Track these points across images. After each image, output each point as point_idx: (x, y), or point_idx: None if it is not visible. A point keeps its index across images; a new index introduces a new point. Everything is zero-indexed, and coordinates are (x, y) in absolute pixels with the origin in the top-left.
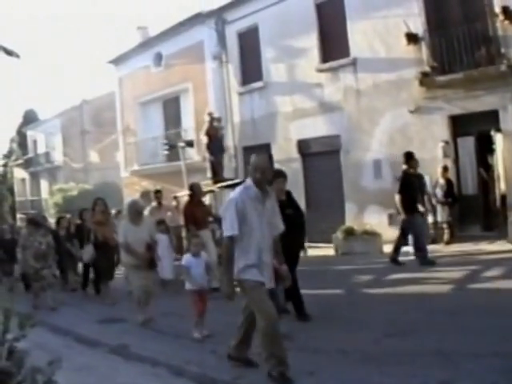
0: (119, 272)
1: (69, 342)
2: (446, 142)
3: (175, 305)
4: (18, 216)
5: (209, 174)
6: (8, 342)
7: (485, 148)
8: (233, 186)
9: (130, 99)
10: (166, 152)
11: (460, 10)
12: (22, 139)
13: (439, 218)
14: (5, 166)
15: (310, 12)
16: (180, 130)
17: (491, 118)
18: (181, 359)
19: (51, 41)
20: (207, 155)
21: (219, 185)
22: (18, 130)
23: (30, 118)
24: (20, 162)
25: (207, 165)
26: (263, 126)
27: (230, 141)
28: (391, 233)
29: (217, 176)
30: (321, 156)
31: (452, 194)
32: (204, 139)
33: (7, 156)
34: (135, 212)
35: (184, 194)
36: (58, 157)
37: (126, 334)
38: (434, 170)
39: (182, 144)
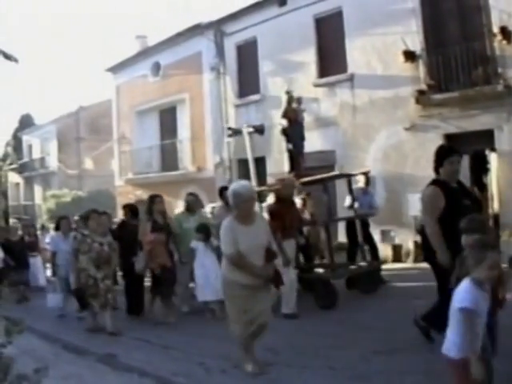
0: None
1: (57, 350)
2: None
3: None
4: (11, 221)
5: (286, 167)
6: None
7: (479, 167)
8: (320, 182)
9: (127, 108)
10: (229, 138)
11: (458, 29)
12: (17, 144)
13: None
14: None
15: (309, 27)
16: (176, 140)
17: (486, 138)
18: (168, 370)
19: (50, 47)
20: (285, 143)
21: (302, 180)
22: (13, 135)
23: (25, 123)
24: (14, 166)
25: (285, 155)
26: (259, 139)
27: (225, 153)
28: (383, 249)
29: (297, 169)
30: (315, 171)
31: None
32: (283, 122)
33: (2, 160)
34: (246, 204)
35: (266, 189)
36: (52, 162)
37: (115, 344)
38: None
39: (249, 129)
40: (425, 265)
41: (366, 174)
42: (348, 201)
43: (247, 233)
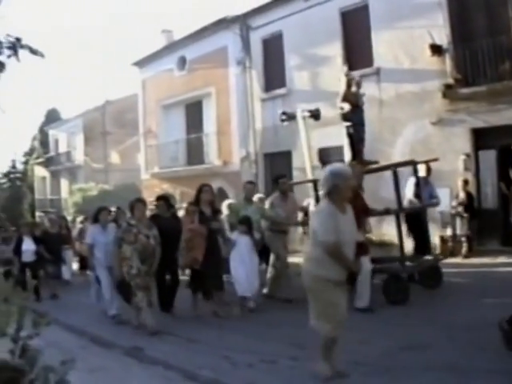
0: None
1: (84, 342)
2: (468, 155)
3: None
4: (37, 214)
5: (347, 155)
6: (22, 339)
7: (506, 162)
8: (380, 170)
9: (153, 102)
10: (284, 123)
11: (485, 22)
12: (43, 138)
13: (458, 231)
14: (26, 163)
15: (335, 20)
16: (202, 134)
17: None
18: (194, 364)
19: (76, 42)
20: (347, 129)
21: (367, 168)
22: (40, 129)
23: (52, 117)
24: (41, 160)
25: (345, 141)
26: (285, 133)
27: (251, 147)
28: (409, 244)
29: (358, 157)
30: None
31: (472, 208)
32: (345, 106)
33: (28, 154)
34: (346, 184)
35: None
36: (78, 156)
37: (141, 337)
38: (454, 183)
39: (305, 113)
40: (455, 259)
41: (427, 162)
42: (410, 190)
43: (345, 221)
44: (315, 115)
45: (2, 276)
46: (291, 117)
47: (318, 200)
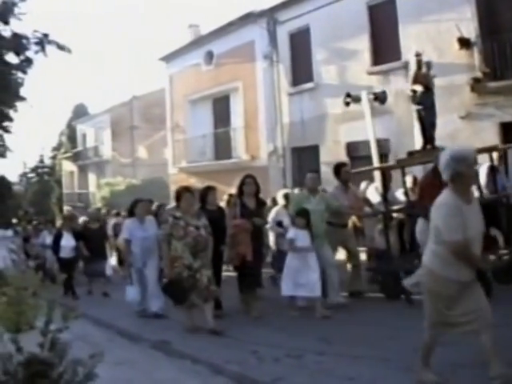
0: None
1: (111, 336)
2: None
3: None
4: (65, 208)
5: (419, 141)
6: (51, 332)
7: None
8: None
9: (180, 96)
10: (347, 106)
11: None
12: (71, 133)
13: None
14: (54, 158)
15: (362, 14)
16: (229, 128)
17: None
18: (221, 358)
19: (104, 36)
20: (417, 113)
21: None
22: (67, 124)
23: (80, 113)
24: (69, 155)
25: (416, 125)
26: (312, 128)
27: (278, 141)
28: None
29: (430, 143)
30: (369, 160)
31: None
32: (417, 88)
33: (56, 149)
34: (470, 171)
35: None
36: (106, 151)
37: (168, 330)
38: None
39: (370, 96)
40: None
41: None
42: (483, 178)
43: (471, 214)
44: (381, 98)
45: (31, 270)
46: (356, 99)
47: (386, 188)
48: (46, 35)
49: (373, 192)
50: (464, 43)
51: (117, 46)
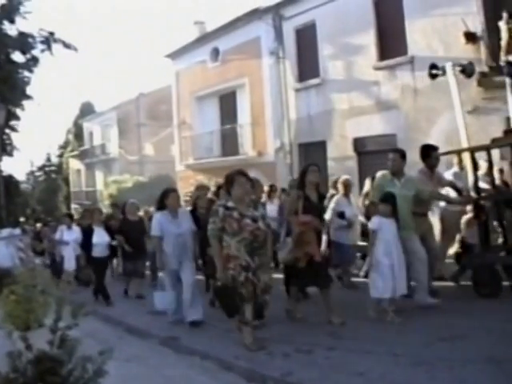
0: None
1: (120, 333)
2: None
3: None
4: (73, 206)
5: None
6: (60, 330)
7: None
8: None
9: (187, 93)
10: (433, 79)
11: None
12: (78, 131)
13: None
14: (61, 156)
15: (368, 9)
16: (236, 125)
17: None
18: (230, 354)
19: (109, 34)
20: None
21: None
22: (74, 122)
23: (86, 110)
24: (76, 153)
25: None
26: (319, 123)
27: (285, 137)
28: None
29: None
30: (376, 155)
31: None
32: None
33: (63, 147)
34: None
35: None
36: (113, 149)
37: (177, 327)
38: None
39: (456, 68)
40: None
41: None
42: None
43: None
44: (469, 71)
45: (40, 267)
46: (441, 71)
47: (476, 172)
48: (51, 34)
49: (451, 178)
50: (470, 37)
51: (123, 44)
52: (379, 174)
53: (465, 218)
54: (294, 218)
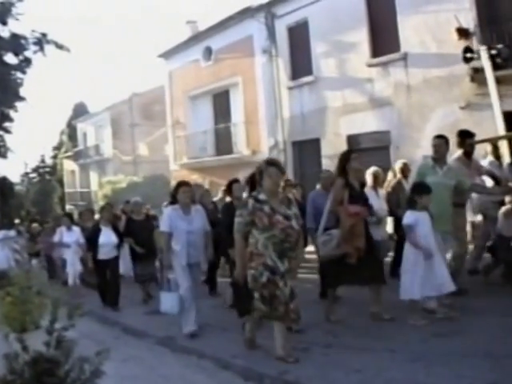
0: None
1: (116, 333)
2: None
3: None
4: (68, 207)
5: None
6: (57, 331)
7: None
8: None
9: (180, 93)
10: (467, 62)
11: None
12: (72, 132)
13: None
14: (55, 157)
15: (360, 6)
16: (230, 124)
17: None
18: (227, 353)
19: (102, 35)
20: None
21: None
22: (68, 123)
23: (80, 111)
24: (70, 154)
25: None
26: (313, 121)
27: (279, 136)
28: None
29: None
30: (370, 152)
31: None
32: None
33: (57, 148)
34: None
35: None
36: (107, 149)
37: (173, 326)
38: None
39: (491, 51)
40: None
41: None
42: None
43: None
44: (504, 55)
45: (35, 269)
46: (476, 55)
47: None
48: (44, 35)
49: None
50: (463, 33)
51: (115, 44)
52: (422, 162)
53: (503, 208)
54: (341, 209)
